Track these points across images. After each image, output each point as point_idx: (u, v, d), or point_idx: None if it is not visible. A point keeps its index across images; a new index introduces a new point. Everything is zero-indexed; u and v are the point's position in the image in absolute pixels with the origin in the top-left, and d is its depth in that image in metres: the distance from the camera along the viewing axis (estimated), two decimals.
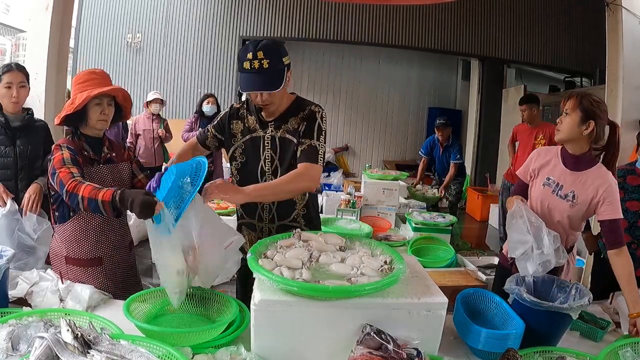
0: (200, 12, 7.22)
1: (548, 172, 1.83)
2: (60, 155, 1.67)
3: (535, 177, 1.87)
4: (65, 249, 1.78)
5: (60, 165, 1.64)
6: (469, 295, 1.59)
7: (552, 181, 1.80)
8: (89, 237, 1.78)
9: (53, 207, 1.83)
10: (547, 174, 1.82)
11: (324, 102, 8.47)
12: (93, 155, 1.79)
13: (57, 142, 1.78)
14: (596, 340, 1.55)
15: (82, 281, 1.70)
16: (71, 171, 1.62)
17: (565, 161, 1.80)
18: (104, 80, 1.79)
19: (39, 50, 3.01)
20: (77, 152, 1.72)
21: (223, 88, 7.39)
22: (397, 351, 1.13)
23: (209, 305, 1.50)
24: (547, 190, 1.81)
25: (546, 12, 7.39)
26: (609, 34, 3.29)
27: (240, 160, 1.86)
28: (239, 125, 1.85)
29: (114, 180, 1.80)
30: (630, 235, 2.14)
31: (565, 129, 1.75)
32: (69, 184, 1.56)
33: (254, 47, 1.61)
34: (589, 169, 1.75)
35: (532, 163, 1.89)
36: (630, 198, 2.14)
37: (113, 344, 1.05)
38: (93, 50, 7.19)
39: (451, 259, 3.55)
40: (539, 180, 1.84)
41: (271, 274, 1.20)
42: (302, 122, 1.76)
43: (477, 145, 7.75)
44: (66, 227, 1.77)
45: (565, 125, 1.75)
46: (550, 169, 1.83)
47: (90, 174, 1.74)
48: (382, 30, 7.31)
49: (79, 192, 1.52)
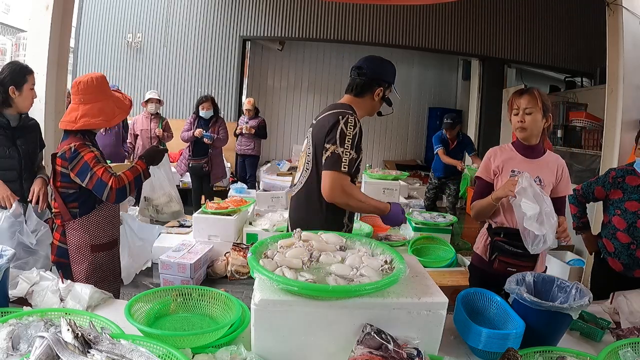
0: (200, 12, 7.22)
1: (511, 165, 1.96)
2: (91, 154, 1.86)
3: (500, 174, 1.98)
4: (90, 238, 1.94)
5: (95, 163, 1.84)
6: (469, 295, 1.59)
7: (517, 172, 1.93)
8: (110, 222, 2.02)
9: (72, 203, 1.93)
10: (510, 167, 1.95)
11: (324, 102, 8.48)
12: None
13: (70, 142, 1.88)
14: (596, 340, 1.55)
15: (108, 264, 2.00)
16: (106, 168, 1.85)
17: (523, 152, 1.97)
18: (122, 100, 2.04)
19: (39, 50, 3.01)
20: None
21: (223, 88, 7.39)
22: (398, 351, 1.13)
23: (211, 305, 1.50)
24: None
25: (546, 12, 7.39)
26: (609, 34, 3.29)
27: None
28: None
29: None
30: (630, 236, 2.14)
31: (533, 126, 1.91)
32: (112, 181, 1.83)
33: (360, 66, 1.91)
34: (544, 155, 1.97)
35: (493, 162, 2.01)
36: (630, 198, 2.14)
37: (113, 344, 1.05)
38: (93, 50, 7.19)
39: (451, 258, 3.55)
40: (505, 175, 1.95)
41: (272, 274, 1.20)
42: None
43: (477, 145, 7.74)
44: (90, 217, 1.94)
45: (531, 123, 1.90)
46: (511, 162, 1.96)
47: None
48: (382, 30, 7.31)
49: (124, 182, 1.86)
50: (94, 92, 1.88)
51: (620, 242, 2.17)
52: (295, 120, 8.56)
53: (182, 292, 1.51)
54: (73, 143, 1.86)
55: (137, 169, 1.95)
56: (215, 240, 3.91)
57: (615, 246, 2.20)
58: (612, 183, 2.21)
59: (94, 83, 1.88)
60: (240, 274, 3.75)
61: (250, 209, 4.34)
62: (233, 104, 7.39)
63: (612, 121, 3.26)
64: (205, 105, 4.93)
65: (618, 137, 3.19)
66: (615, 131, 3.21)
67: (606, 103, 3.31)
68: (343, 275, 1.29)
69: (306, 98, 8.53)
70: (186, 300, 1.51)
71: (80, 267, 1.92)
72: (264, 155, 7.91)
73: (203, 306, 1.51)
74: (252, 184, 6.29)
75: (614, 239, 2.20)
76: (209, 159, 4.97)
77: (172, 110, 7.27)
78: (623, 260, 2.17)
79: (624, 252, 2.16)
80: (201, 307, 1.51)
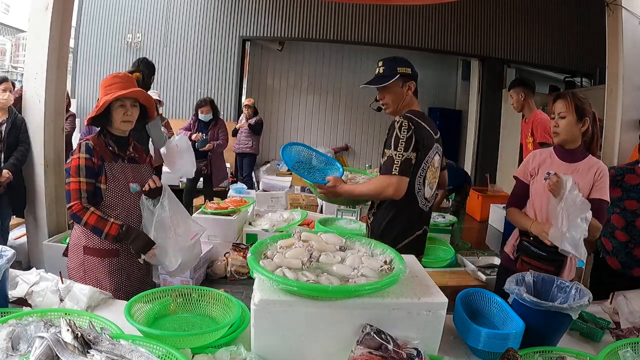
0: (200, 12, 7.23)
1: (547, 167, 1.94)
2: (76, 160, 1.80)
3: (536, 175, 1.98)
4: (85, 239, 1.87)
5: (74, 173, 1.79)
6: (469, 295, 1.59)
7: (551, 174, 1.88)
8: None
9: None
10: (546, 170, 1.93)
11: (324, 102, 8.49)
12: (118, 151, 1.91)
13: (84, 138, 1.89)
14: (596, 340, 1.55)
15: (98, 272, 1.85)
16: (80, 188, 1.78)
17: (561, 156, 1.95)
18: (127, 83, 1.90)
19: (39, 50, 3.01)
20: (101, 148, 1.86)
21: (223, 88, 7.39)
22: (397, 351, 1.13)
23: (211, 305, 1.50)
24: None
25: (546, 12, 7.39)
26: (609, 34, 3.29)
27: None
28: None
29: (135, 178, 1.93)
30: (628, 234, 2.14)
31: (565, 131, 1.89)
32: (75, 205, 1.77)
33: (381, 59, 1.97)
34: (583, 160, 1.92)
35: (530, 164, 2.01)
36: (629, 197, 2.14)
37: (113, 344, 1.05)
38: (93, 50, 7.20)
39: (451, 259, 3.56)
40: (540, 177, 1.94)
41: (271, 274, 1.20)
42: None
43: (477, 145, 7.76)
44: None
45: (563, 128, 1.89)
46: (548, 165, 1.95)
47: (112, 168, 1.87)
48: (382, 30, 7.31)
49: (83, 217, 1.77)
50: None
51: (618, 241, 2.18)
52: (295, 120, 8.56)
53: (182, 293, 1.51)
54: (86, 138, 1.88)
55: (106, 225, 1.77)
56: (215, 240, 3.91)
57: (613, 244, 2.20)
58: (612, 181, 2.21)
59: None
60: (240, 274, 3.74)
61: (249, 209, 4.33)
62: (233, 104, 7.39)
63: (612, 121, 3.26)
64: (204, 109, 4.95)
65: (618, 137, 3.19)
66: (615, 131, 3.21)
67: (606, 103, 3.31)
68: (340, 274, 1.29)
69: (306, 98, 8.53)
70: (186, 300, 1.51)
71: (71, 265, 1.90)
72: (264, 155, 7.91)
73: (203, 306, 1.51)
74: (250, 183, 6.27)
75: (612, 237, 2.21)
76: (208, 161, 4.98)
77: (172, 110, 7.28)
78: (621, 259, 2.17)
79: (622, 251, 2.17)
80: (201, 307, 1.51)
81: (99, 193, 1.84)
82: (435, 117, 8.44)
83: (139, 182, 1.92)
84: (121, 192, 1.88)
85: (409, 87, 1.95)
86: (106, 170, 1.85)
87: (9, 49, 7.60)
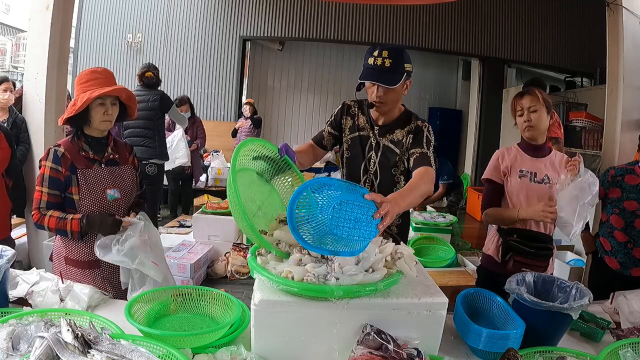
0: (200, 12, 7.22)
1: (519, 165, 1.98)
2: (42, 170, 1.72)
3: (509, 174, 2.00)
4: (65, 250, 1.80)
5: (39, 182, 1.71)
6: (469, 295, 1.58)
7: (525, 172, 1.96)
8: (88, 240, 1.77)
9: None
10: (518, 167, 1.98)
11: (324, 102, 8.49)
12: (93, 155, 1.78)
13: (56, 142, 1.79)
14: (596, 340, 1.55)
15: (80, 282, 1.68)
16: (41, 198, 1.70)
17: (529, 152, 2.00)
18: (107, 80, 1.76)
19: (39, 50, 3.01)
20: (73, 154, 1.73)
21: (223, 88, 7.39)
22: (398, 351, 1.13)
23: (211, 305, 1.50)
24: (524, 181, 1.96)
25: (546, 12, 7.39)
26: (609, 34, 3.29)
27: (346, 155, 1.95)
28: (348, 121, 1.94)
29: (114, 183, 1.80)
30: (627, 235, 2.15)
31: (540, 124, 1.94)
32: (34, 214, 1.70)
33: (382, 47, 1.74)
34: (549, 154, 2.01)
35: (501, 163, 2.03)
36: (628, 197, 2.14)
37: (113, 344, 1.05)
38: (93, 50, 7.19)
39: (451, 258, 3.56)
40: (514, 175, 1.98)
41: (272, 274, 1.20)
42: (408, 135, 1.83)
43: (478, 145, 7.75)
44: None
45: (538, 121, 1.93)
46: (520, 162, 1.99)
47: (86, 175, 1.74)
48: (382, 30, 7.31)
49: (44, 223, 1.69)
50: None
51: (617, 241, 2.18)
52: (295, 121, 8.55)
53: (182, 292, 1.51)
54: (56, 144, 1.76)
55: (66, 224, 1.68)
56: (215, 240, 3.91)
57: (612, 245, 2.21)
58: (611, 182, 2.21)
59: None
60: (240, 274, 3.75)
61: None
62: (233, 104, 7.39)
63: (612, 121, 3.27)
64: (183, 107, 5.03)
65: (618, 137, 3.20)
66: (616, 131, 3.22)
67: (606, 103, 3.31)
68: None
69: (306, 98, 8.53)
70: (186, 300, 1.51)
71: (55, 272, 1.79)
72: None
73: (203, 306, 1.51)
74: None
75: (611, 237, 2.21)
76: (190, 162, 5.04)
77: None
78: (620, 259, 2.17)
79: (621, 251, 2.17)
80: (201, 307, 1.51)
81: (72, 204, 1.73)
82: (436, 116, 8.45)
83: (119, 187, 1.80)
84: (97, 201, 1.75)
85: (407, 87, 1.82)
86: (79, 179, 1.72)
87: (10, 49, 7.61)
